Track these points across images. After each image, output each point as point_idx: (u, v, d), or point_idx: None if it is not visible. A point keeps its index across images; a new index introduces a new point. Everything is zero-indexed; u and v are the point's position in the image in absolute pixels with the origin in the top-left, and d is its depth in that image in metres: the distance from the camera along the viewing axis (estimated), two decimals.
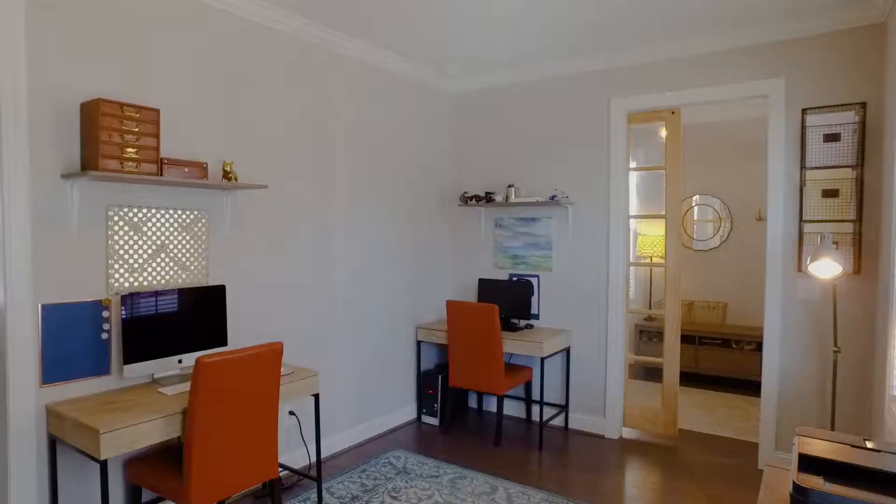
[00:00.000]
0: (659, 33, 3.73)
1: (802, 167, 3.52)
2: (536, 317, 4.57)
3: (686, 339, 5.57)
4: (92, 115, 2.46)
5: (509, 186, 4.50)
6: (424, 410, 4.59)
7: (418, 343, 4.64)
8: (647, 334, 5.88)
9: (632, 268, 5.78)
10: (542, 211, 4.53)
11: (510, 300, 4.49)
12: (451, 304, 4.15)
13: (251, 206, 3.33)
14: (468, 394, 4.94)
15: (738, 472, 3.63)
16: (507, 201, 4.49)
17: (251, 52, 3.30)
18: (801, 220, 3.54)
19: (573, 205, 4.36)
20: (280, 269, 3.51)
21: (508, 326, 4.37)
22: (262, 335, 3.41)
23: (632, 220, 5.30)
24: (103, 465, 2.19)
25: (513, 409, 4.74)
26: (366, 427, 4.18)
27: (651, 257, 5.93)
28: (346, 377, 4.02)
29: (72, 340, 2.54)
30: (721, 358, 5.55)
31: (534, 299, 4.57)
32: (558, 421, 4.48)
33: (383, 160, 4.28)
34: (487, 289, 4.61)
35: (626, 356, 4.32)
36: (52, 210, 2.49)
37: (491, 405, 4.88)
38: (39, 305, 2.45)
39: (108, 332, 2.67)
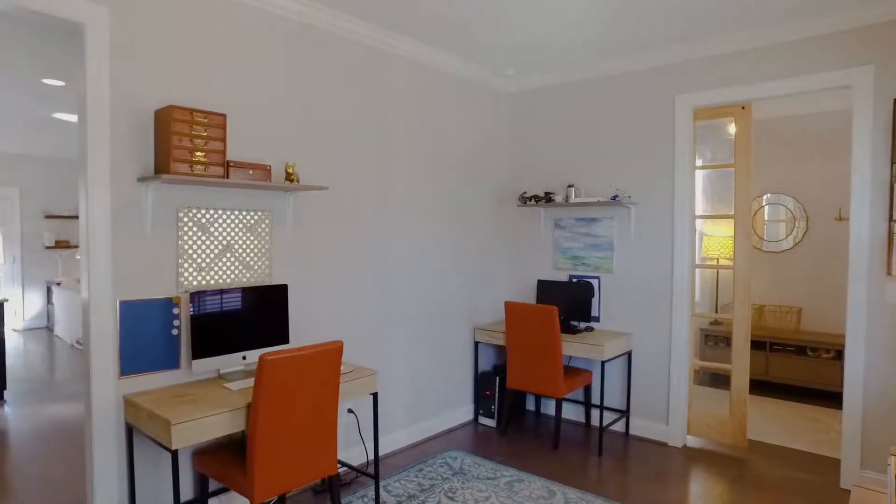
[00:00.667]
0: (728, 24, 3.55)
1: (893, 162, 3.27)
2: (597, 319, 4.46)
3: (756, 344, 5.30)
4: (165, 122, 2.58)
5: (569, 186, 4.41)
6: (481, 412, 4.57)
7: (476, 344, 4.61)
8: (713, 339, 5.63)
9: (697, 270, 5.54)
10: (603, 211, 4.42)
11: (570, 302, 4.39)
12: (509, 306, 4.11)
13: (312, 206, 3.41)
14: (526, 396, 4.87)
15: (817, 490, 3.41)
16: (566, 201, 4.40)
17: (312, 56, 3.37)
18: (891, 219, 3.28)
19: (636, 205, 4.23)
20: (339, 268, 3.58)
21: (568, 328, 4.28)
22: (321, 333, 3.48)
23: (697, 221, 5.08)
24: (174, 455, 2.28)
25: (571, 412, 4.64)
26: (423, 427, 4.20)
27: (717, 259, 5.67)
28: (403, 376, 4.04)
29: (145, 335, 2.67)
30: (795, 366, 5.24)
31: (594, 301, 4.46)
32: (619, 426, 4.36)
33: (441, 161, 4.28)
34: (546, 290, 4.54)
35: (691, 361, 4.14)
36: (129, 212, 2.62)
37: (549, 408, 4.80)
38: (117, 302, 2.58)
39: (178, 328, 2.79)
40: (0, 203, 8.88)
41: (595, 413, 4.51)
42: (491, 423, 4.49)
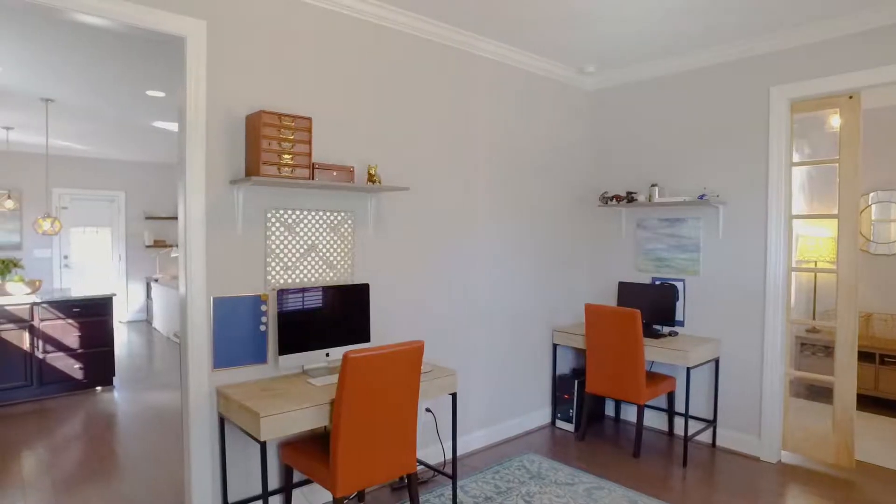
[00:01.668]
0: (831, 6, 3.28)
1: None
2: (681, 323, 4.25)
3: (863, 356, 4.87)
4: (255, 126, 2.70)
5: (652, 186, 4.23)
6: (559, 415, 4.48)
7: (554, 346, 4.53)
8: (811, 348, 5.23)
9: (793, 273, 5.17)
10: (688, 211, 4.21)
11: (652, 305, 4.22)
12: (590, 308, 4.00)
13: (393, 207, 3.46)
14: (605, 401, 4.73)
15: None
16: (650, 201, 4.23)
17: (393, 59, 3.42)
18: None
19: (724, 204, 4.00)
20: (419, 268, 3.61)
21: (650, 333, 4.11)
22: (400, 333, 3.53)
23: (794, 221, 4.74)
24: (263, 446, 2.38)
25: (653, 420, 4.46)
26: (499, 428, 4.17)
27: (815, 262, 5.27)
28: (480, 377, 4.03)
29: (236, 331, 2.81)
30: None
31: (678, 304, 4.26)
32: (704, 437, 4.14)
33: (520, 160, 4.24)
34: (628, 292, 4.39)
35: (786, 371, 3.87)
36: (222, 213, 2.76)
37: (629, 414, 4.63)
38: (211, 298, 2.73)
39: (266, 324, 2.91)
40: (108, 206, 9.67)
41: (679, 422, 4.31)
42: (569, 427, 4.40)
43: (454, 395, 3.07)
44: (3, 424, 4.60)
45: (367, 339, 3.15)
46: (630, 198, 4.34)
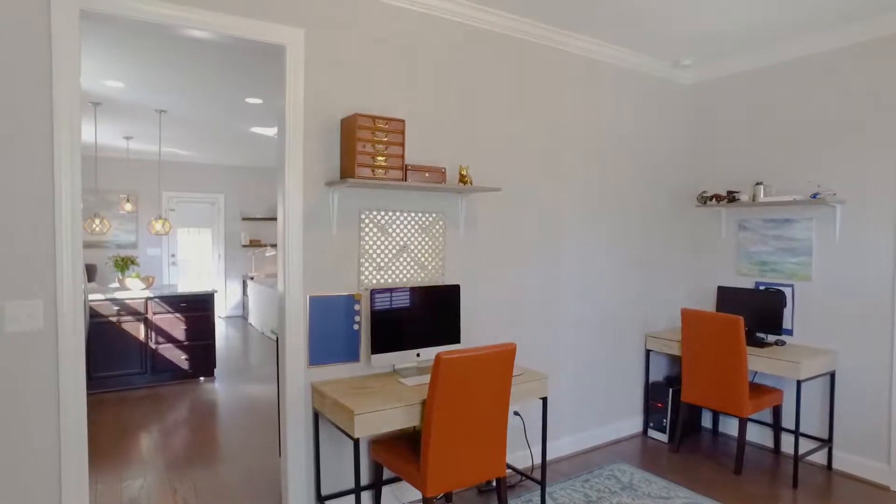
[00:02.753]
0: None
1: None
2: (789, 332, 3.94)
3: None
4: (350, 129, 2.76)
5: (757, 184, 3.95)
6: (651, 424, 4.28)
7: (647, 352, 4.34)
8: None
9: None
10: (798, 211, 3.89)
11: (756, 312, 3.94)
12: (687, 313, 3.80)
13: (483, 208, 3.44)
14: (701, 411, 4.48)
15: None
16: (753, 201, 3.95)
17: (482, 58, 3.40)
18: None
19: (842, 203, 3.66)
20: (509, 269, 3.57)
21: (754, 341, 3.84)
22: (489, 334, 3.50)
23: None
24: (356, 443, 2.43)
25: (756, 435, 4.16)
26: (588, 435, 4.05)
27: None
28: (569, 382, 3.93)
29: (330, 329, 2.89)
30: None
31: (786, 312, 3.95)
32: (818, 458, 3.81)
33: (612, 159, 4.09)
34: (728, 298, 4.12)
35: None
36: (318, 214, 2.85)
37: (729, 427, 4.35)
38: (307, 297, 2.82)
39: (359, 323, 2.97)
40: (209, 207, 10.33)
41: (787, 439, 3.99)
42: (662, 437, 4.19)
43: (545, 400, 3.01)
44: (124, 407, 5.02)
45: (458, 341, 3.15)
46: (731, 197, 4.08)
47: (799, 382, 3.44)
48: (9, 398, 2.19)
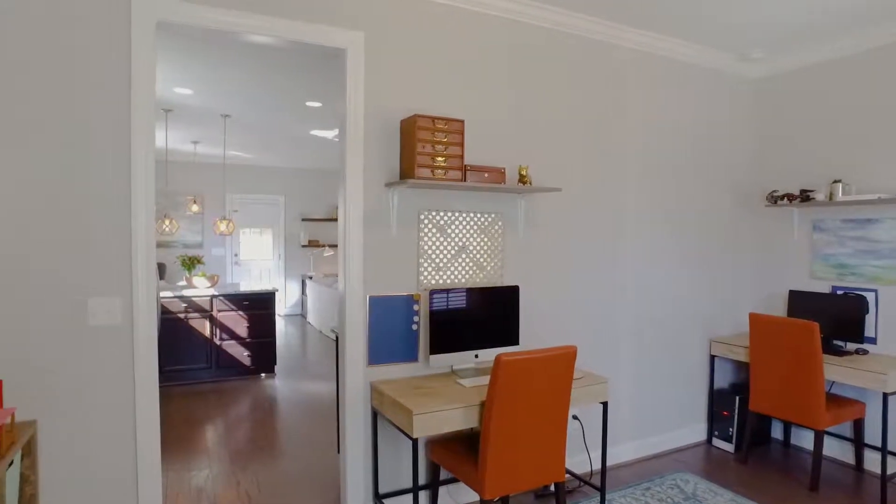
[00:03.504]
0: None
1: None
2: (872, 340, 3.69)
3: None
4: (409, 130, 2.78)
5: (834, 182, 3.73)
6: (716, 433, 4.11)
7: (711, 358, 4.17)
8: None
9: None
10: (883, 210, 3.64)
11: (833, 318, 3.72)
12: (755, 318, 3.62)
13: (541, 208, 3.39)
14: (772, 421, 4.26)
15: None
16: (830, 200, 3.72)
17: (539, 56, 3.35)
18: None
19: None
20: (568, 270, 3.50)
21: (831, 349, 3.62)
22: (547, 336, 3.44)
23: None
24: (415, 443, 2.44)
25: (834, 449, 3.92)
26: (648, 442, 3.92)
27: None
28: (629, 387, 3.82)
29: (389, 329, 2.91)
30: None
31: (868, 319, 3.70)
32: None
33: (674, 157, 3.95)
34: (801, 302, 3.91)
35: None
36: (378, 215, 2.88)
37: (802, 440, 4.12)
38: (367, 296, 2.86)
39: (417, 323, 2.98)
40: (271, 208, 10.67)
41: (871, 456, 3.73)
42: (728, 447, 4.01)
43: (605, 404, 2.93)
44: (191, 400, 5.24)
45: (517, 342, 3.11)
46: (805, 196, 3.86)
47: (885, 395, 3.21)
48: (92, 387, 2.32)
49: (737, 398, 3.96)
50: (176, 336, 5.75)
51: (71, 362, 2.28)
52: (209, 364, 5.89)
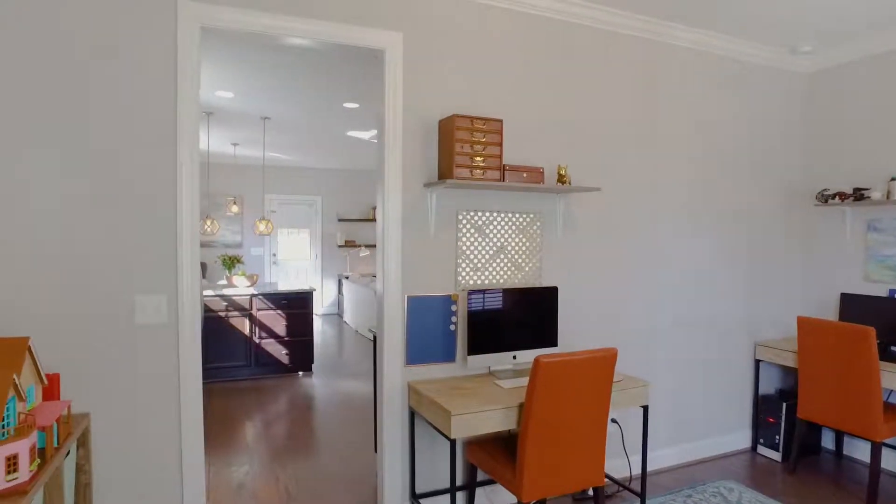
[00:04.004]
0: None
1: None
2: None
3: None
4: (448, 130, 2.77)
5: (892, 180, 3.56)
6: (762, 440, 3.97)
7: (757, 362, 4.03)
8: None
9: None
10: None
11: (890, 323, 3.55)
12: (804, 322, 3.48)
13: (581, 208, 3.34)
14: (822, 430, 4.09)
15: None
16: (888, 198, 3.56)
17: (579, 55, 3.30)
18: None
19: None
20: (608, 271, 3.44)
21: (888, 355, 3.46)
22: (587, 338, 3.39)
23: None
24: (453, 444, 2.42)
25: (891, 462, 3.74)
26: (690, 448, 3.82)
27: None
28: (670, 390, 3.73)
29: (427, 329, 2.91)
30: None
31: None
32: None
33: (718, 156, 3.84)
34: (854, 306, 3.74)
35: None
36: (416, 215, 2.88)
37: (855, 450, 3.94)
38: (405, 297, 2.86)
39: (455, 324, 2.97)
40: (307, 209, 10.83)
41: None
42: (774, 455, 3.88)
43: (646, 408, 2.87)
44: (231, 397, 5.36)
45: (555, 344, 3.07)
46: (859, 195, 3.70)
47: None
48: (139, 383, 2.38)
49: (784, 405, 3.82)
50: (217, 334, 5.89)
51: (120, 359, 2.35)
52: (248, 362, 6.01)
